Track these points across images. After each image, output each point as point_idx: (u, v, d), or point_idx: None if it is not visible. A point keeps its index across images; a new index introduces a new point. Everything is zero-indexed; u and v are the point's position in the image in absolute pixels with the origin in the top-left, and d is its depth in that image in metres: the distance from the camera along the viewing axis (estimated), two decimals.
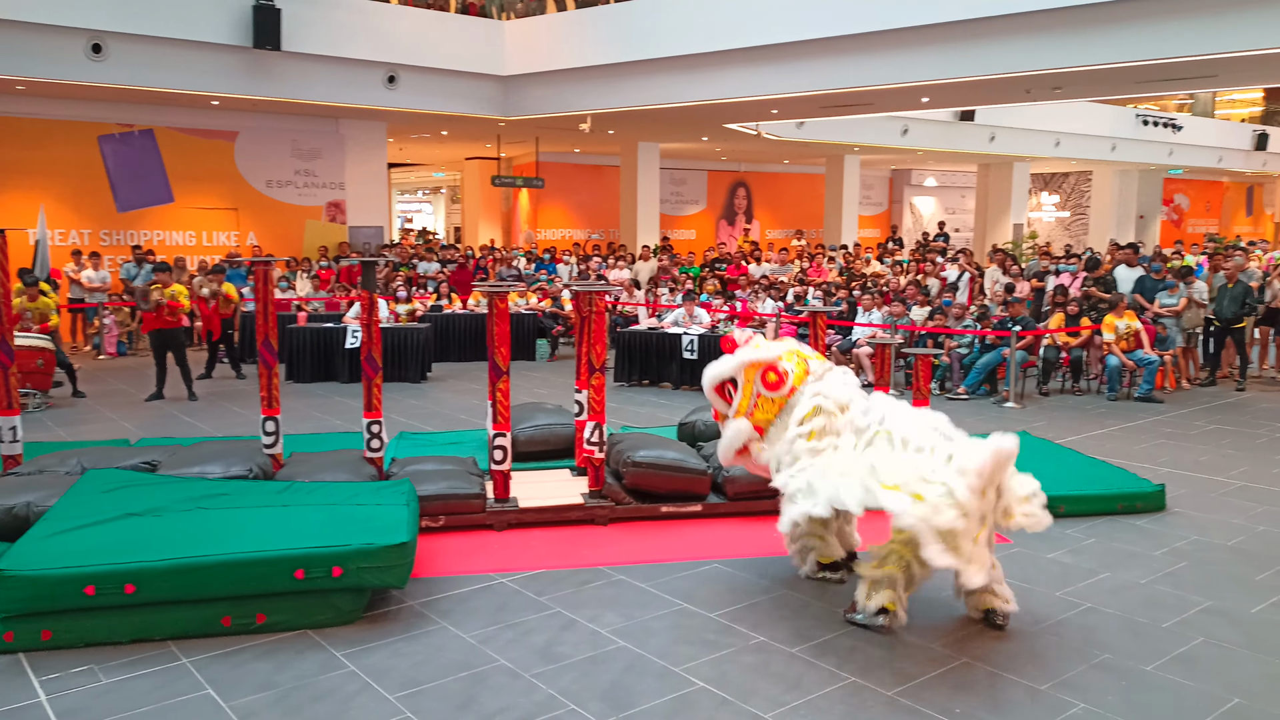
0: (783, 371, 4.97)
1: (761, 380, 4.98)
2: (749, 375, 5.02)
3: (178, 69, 12.96)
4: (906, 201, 28.99)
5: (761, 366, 5.00)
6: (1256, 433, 8.97)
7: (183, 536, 4.62)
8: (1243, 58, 10.50)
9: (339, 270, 15.11)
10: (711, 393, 5.24)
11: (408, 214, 35.19)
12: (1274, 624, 4.71)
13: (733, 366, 5.09)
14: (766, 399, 4.97)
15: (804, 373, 5.00)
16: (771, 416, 4.96)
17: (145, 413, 9.69)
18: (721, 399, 5.20)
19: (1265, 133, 27.07)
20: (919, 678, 4.13)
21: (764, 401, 4.98)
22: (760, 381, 4.99)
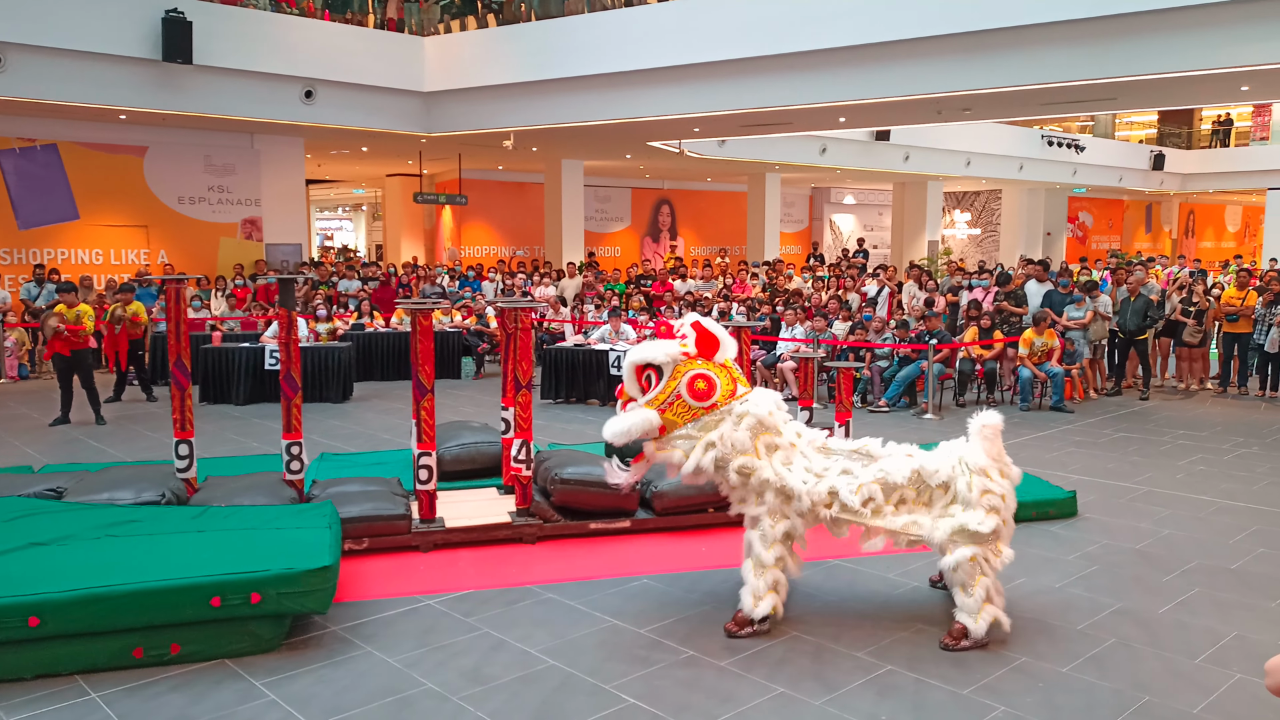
0: (711, 382, 4.71)
1: (688, 385, 4.69)
2: (677, 372, 4.70)
3: (83, 82, 12.53)
4: (826, 219, 29.60)
5: (693, 370, 4.71)
6: (1160, 440, 9.36)
7: (91, 565, 4.43)
8: (1138, 82, 11.04)
9: (255, 289, 14.76)
10: (631, 372, 4.83)
11: (328, 231, 34.56)
12: (1180, 624, 4.90)
13: (665, 355, 4.73)
14: (684, 403, 4.68)
15: (730, 393, 4.75)
16: (680, 423, 4.68)
17: (50, 438, 9.29)
18: (637, 383, 4.81)
19: (1162, 153, 28.42)
20: (846, 686, 4.19)
21: (680, 405, 4.68)
22: (686, 385, 4.69)
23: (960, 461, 4.74)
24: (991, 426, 4.75)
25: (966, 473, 4.69)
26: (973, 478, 4.67)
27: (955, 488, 4.69)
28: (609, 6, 14.35)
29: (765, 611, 4.67)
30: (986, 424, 4.76)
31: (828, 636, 4.69)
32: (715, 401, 4.70)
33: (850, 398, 6.68)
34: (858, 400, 11.00)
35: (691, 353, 4.76)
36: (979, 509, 4.61)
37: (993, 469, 4.70)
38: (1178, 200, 34.29)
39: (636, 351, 4.85)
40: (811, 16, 12.09)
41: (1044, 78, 11.20)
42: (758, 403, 4.77)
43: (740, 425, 4.69)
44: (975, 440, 4.76)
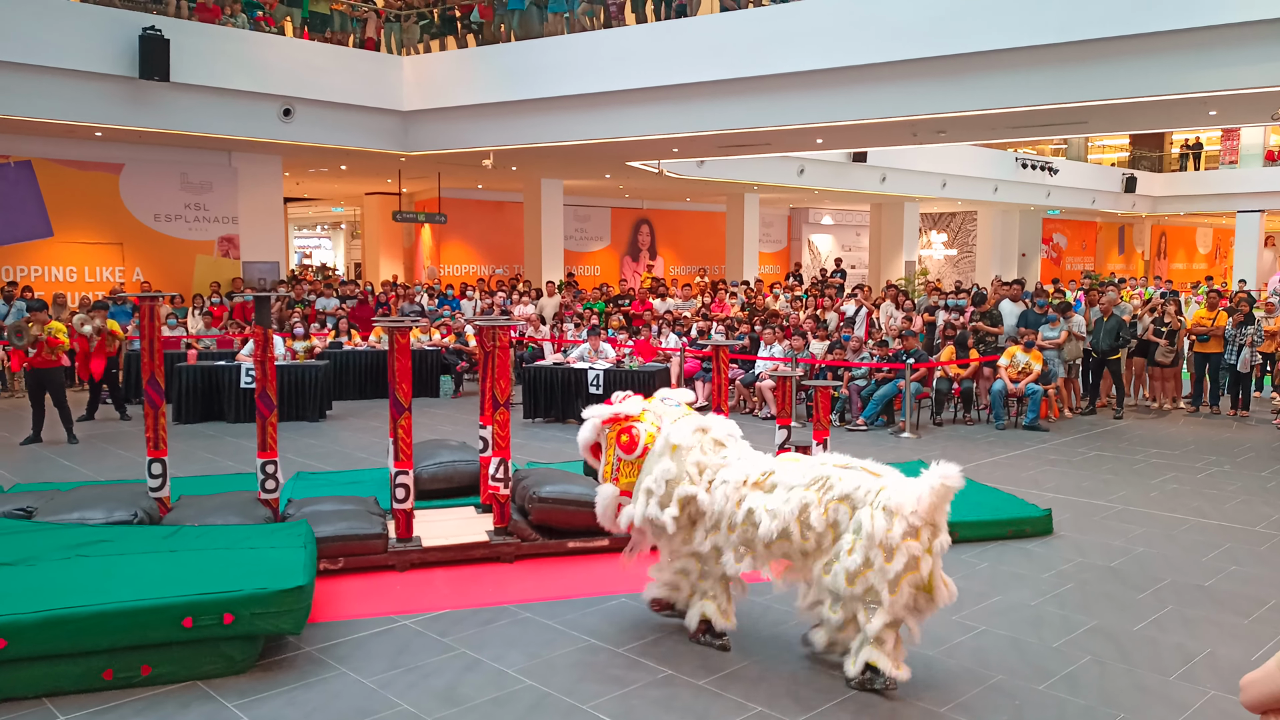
0: (635, 434, 4.85)
1: (618, 443, 4.89)
2: (609, 439, 4.94)
3: (58, 98, 12.44)
4: (805, 239, 29.79)
5: (617, 429, 4.90)
6: (1134, 458, 9.45)
7: (60, 586, 4.36)
8: (1108, 106, 11.22)
9: (232, 307, 14.66)
10: (587, 454, 5.18)
11: (306, 249, 34.42)
12: (1152, 640, 4.94)
13: (592, 429, 5.05)
14: (625, 462, 4.87)
15: (655, 431, 4.86)
16: (633, 479, 4.82)
17: (20, 456, 9.16)
18: (595, 460, 5.13)
19: (1134, 176, 28.85)
20: (822, 705, 4.19)
21: (625, 466, 4.87)
22: (617, 445, 4.89)
23: (880, 491, 4.23)
24: (943, 488, 4.09)
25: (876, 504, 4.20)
26: (877, 513, 4.15)
27: (859, 516, 4.22)
28: (588, 28, 14.44)
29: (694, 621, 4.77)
30: (945, 479, 4.08)
31: (804, 656, 4.69)
32: (645, 446, 4.82)
33: (828, 416, 6.70)
34: (836, 419, 11.05)
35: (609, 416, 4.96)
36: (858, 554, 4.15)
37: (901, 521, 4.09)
38: (1150, 222, 34.79)
39: (579, 437, 5.17)
40: (788, 39, 12.23)
41: (1017, 101, 11.36)
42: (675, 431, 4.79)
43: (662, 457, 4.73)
44: (917, 487, 4.15)
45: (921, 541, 4.12)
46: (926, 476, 4.15)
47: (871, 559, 4.14)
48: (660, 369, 11.62)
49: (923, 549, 4.12)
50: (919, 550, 4.11)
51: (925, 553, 4.12)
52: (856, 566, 4.18)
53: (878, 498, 4.22)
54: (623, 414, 4.96)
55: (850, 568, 4.20)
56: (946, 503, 4.18)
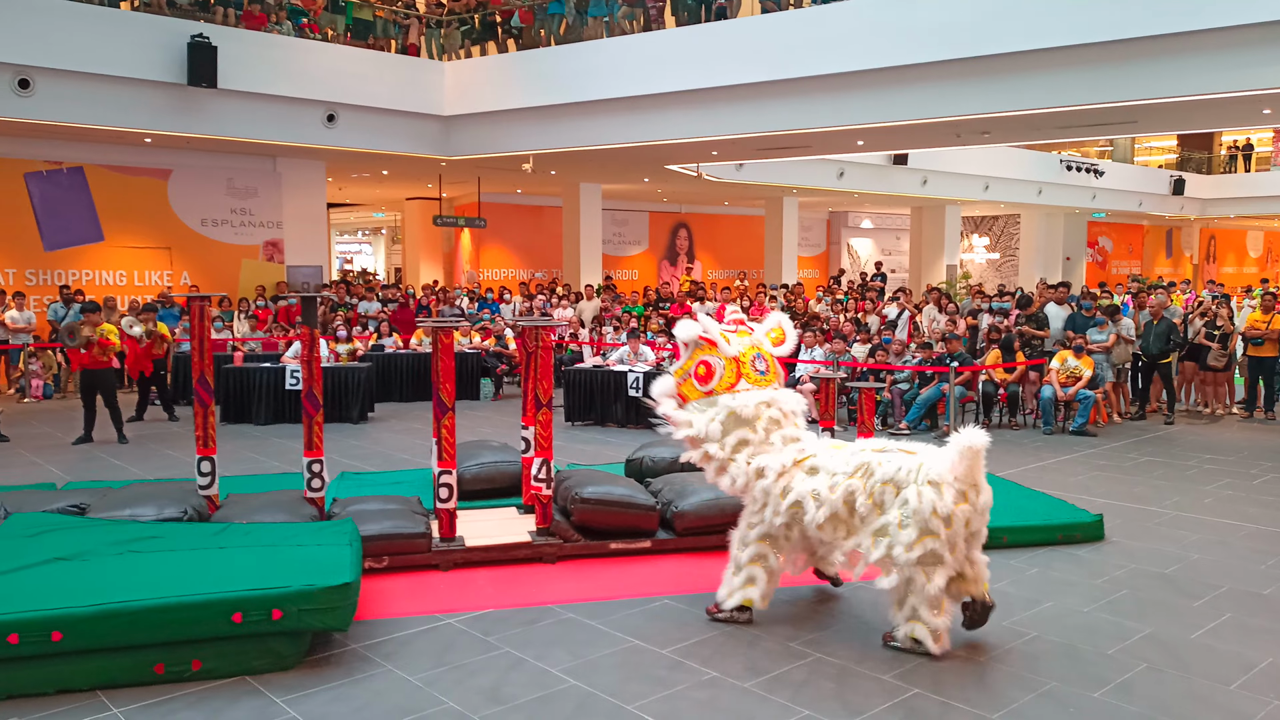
0: (712, 369, 5.10)
1: (694, 368, 5.14)
2: (694, 354, 5.15)
3: (109, 105, 12.70)
4: (844, 243, 29.57)
5: (701, 355, 5.12)
6: (1186, 464, 9.24)
7: (113, 581, 4.43)
8: (1158, 105, 11.00)
9: (276, 310, 14.86)
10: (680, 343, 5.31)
11: (347, 255, 34.84)
12: (1210, 649, 4.81)
13: (688, 336, 5.17)
14: (691, 384, 5.15)
15: (729, 385, 5.10)
16: (691, 398, 5.15)
17: (73, 456, 9.34)
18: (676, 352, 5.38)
19: (1182, 178, 28.28)
20: (870, 710, 4.13)
21: (689, 384, 5.16)
22: (694, 368, 5.14)
23: (920, 468, 4.63)
24: (973, 447, 4.51)
25: (918, 482, 4.58)
26: (924, 488, 4.54)
27: (905, 494, 4.58)
28: (627, 31, 14.46)
29: (737, 603, 5.00)
30: (969, 443, 4.51)
31: (851, 659, 4.63)
32: (712, 389, 5.10)
33: (872, 418, 6.64)
34: (878, 423, 10.93)
35: (707, 339, 5.16)
36: (911, 528, 4.52)
37: (949, 487, 4.54)
38: (1198, 225, 34.09)
39: (684, 327, 5.27)
40: (829, 41, 12.14)
41: (1064, 101, 11.18)
42: (743, 400, 5.06)
43: (715, 418, 5.04)
44: (949, 454, 4.59)
45: (970, 504, 4.59)
46: (954, 442, 4.58)
47: (933, 528, 4.51)
48: None
49: (972, 510, 4.60)
50: (970, 512, 4.59)
51: (975, 512, 4.62)
52: (912, 538, 4.52)
53: (919, 474, 4.60)
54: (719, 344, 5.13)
55: (907, 540, 4.53)
56: (979, 462, 4.59)
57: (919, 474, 4.59)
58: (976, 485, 4.60)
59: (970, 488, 4.57)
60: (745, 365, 5.19)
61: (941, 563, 4.54)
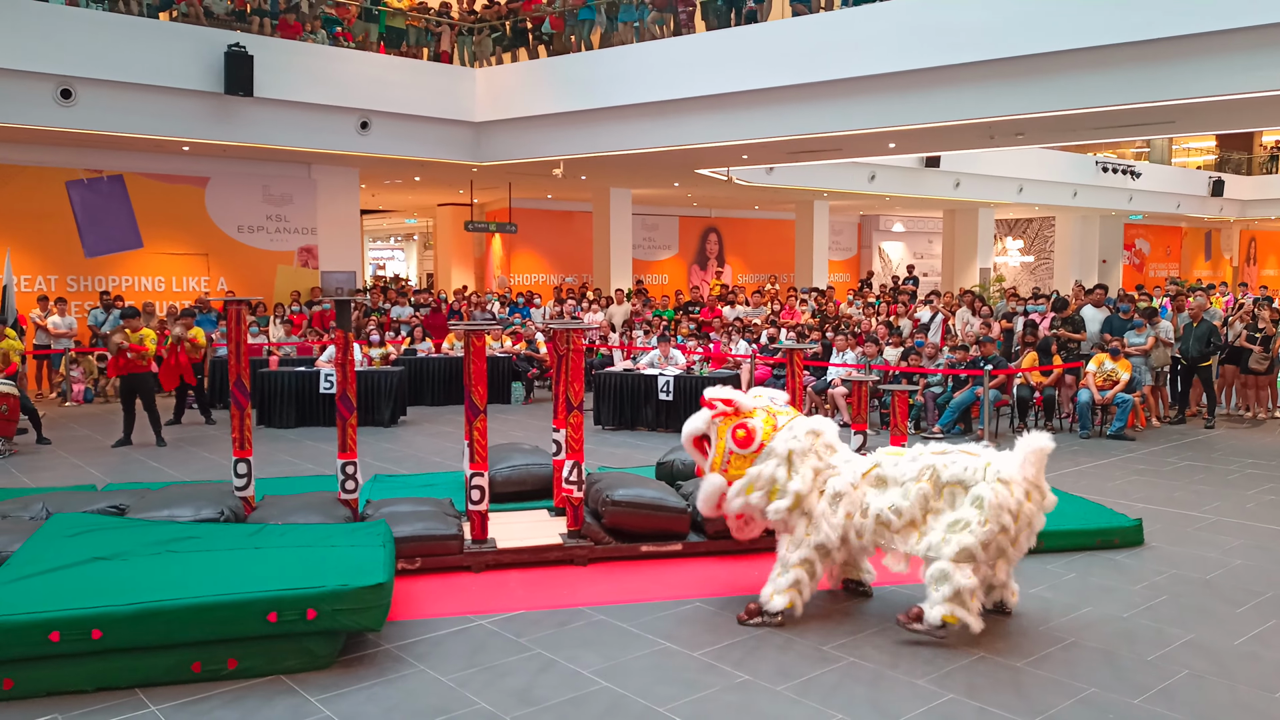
0: (751, 430, 5.09)
1: (732, 437, 5.11)
2: (720, 431, 5.15)
3: (148, 115, 12.92)
4: (876, 246, 29.38)
5: (732, 425, 5.12)
6: (1228, 469, 9.07)
7: (151, 580, 4.49)
8: (1197, 104, 10.82)
9: (311, 315, 15.02)
10: (690, 447, 5.36)
11: (380, 261, 35.15)
12: (1254, 656, 4.71)
13: (705, 422, 5.22)
14: (738, 455, 5.10)
15: (771, 429, 5.12)
16: (741, 473, 5.09)
17: (112, 459, 9.50)
18: (699, 452, 5.32)
19: (1221, 179, 27.80)
20: (905, 715, 4.08)
21: (735, 458, 5.10)
22: (731, 438, 5.11)
23: (987, 467, 4.80)
24: (1040, 449, 4.78)
25: (989, 479, 4.75)
26: (996, 485, 4.72)
27: (975, 492, 4.74)
28: (657, 36, 14.48)
29: (781, 606, 4.97)
30: (1036, 445, 4.78)
31: (885, 663, 4.59)
32: (760, 443, 5.09)
33: (905, 421, 6.58)
34: (911, 426, 10.83)
35: (727, 411, 5.17)
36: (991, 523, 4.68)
37: (1019, 486, 4.75)
38: (1238, 227, 33.49)
39: (685, 429, 5.36)
40: (860, 43, 12.07)
41: (1100, 101, 11.02)
42: (790, 435, 5.10)
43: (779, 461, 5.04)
44: (1017, 455, 4.81)
45: (1034, 502, 4.82)
46: (1021, 446, 4.81)
47: (1005, 524, 4.69)
48: (731, 375, 11.54)
49: (1036, 509, 4.84)
50: (1034, 511, 4.83)
51: (1038, 511, 4.85)
52: (988, 535, 4.68)
53: (987, 472, 4.77)
54: (737, 407, 5.16)
55: (983, 538, 4.68)
56: (1043, 463, 4.84)
57: (987, 472, 4.77)
58: (1041, 488, 4.86)
59: (1035, 488, 4.82)
60: (772, 408, 5.25)
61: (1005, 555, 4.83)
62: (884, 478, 5.00)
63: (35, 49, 11.87)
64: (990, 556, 4.78)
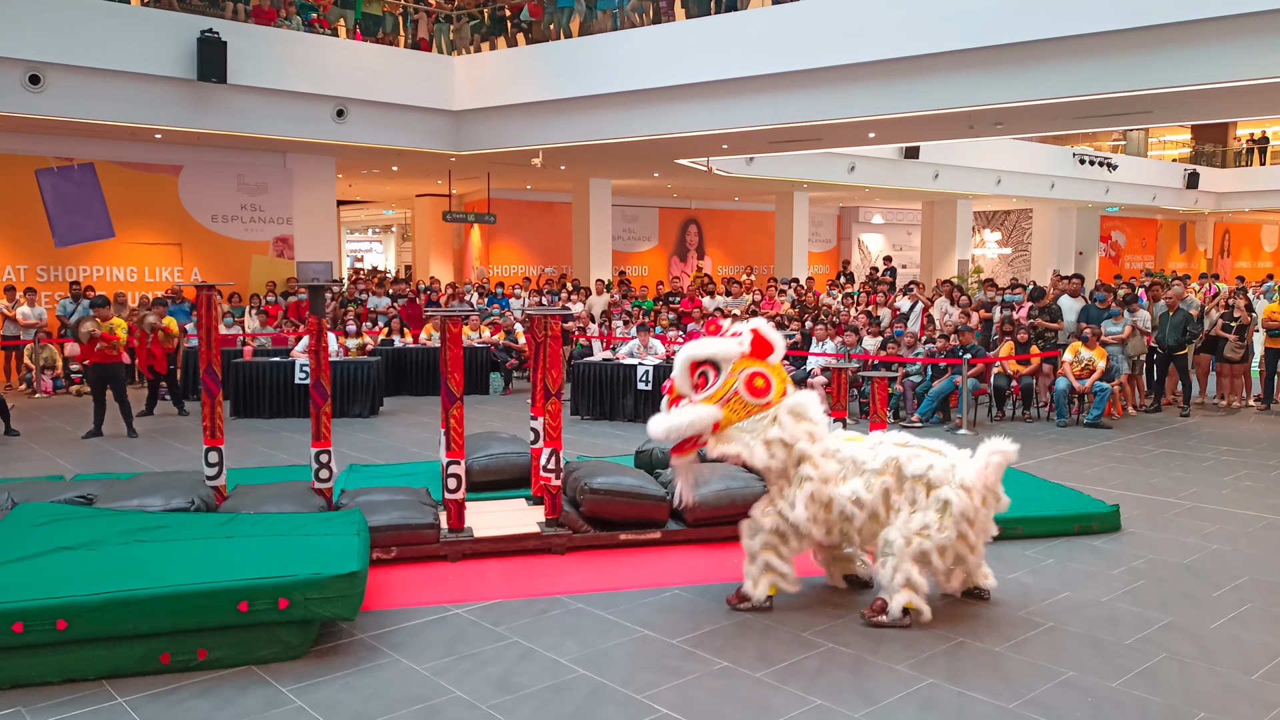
0: (770, 381, 4.86)
1: (747, 381, 4.82)
2: (735, 369, 4.83)
3: (119, 101, 12.69)
4: (855, 238, 29.43)
5: (752, 368, 4.86)
6: (1204, 456, 9.12)
7: (119, 570, 4.39)
8: (1175, 94, 10.86)
9: (287, 306, 14.85)
10: (685, 368, 4.90)
11: (358, 253, 34.89)
12: (1232, 639, 4.72)
13: (725, 354, 4.86)
14: (742, 400, 4.81)
15: (783, 391, 4.93)
16: (737, 419, 4.83)
17: (83, 450, 9.34)
18: (691, 380, 4.89)
19: (1196, 172, 28.02)
20: (887, 699, 4.06)
21: (737, 402, 4.81)
22: (745, 382, 4.82)
23: (952, 469, 4.79)
24: (1002, 458, 4.80)
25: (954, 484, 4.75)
26: (959, 491, 4.72)
27: (941, 495, 4.72)
28: (637, 24, 14.38)
29: (764, 594, 4.95)
30: (999, 453, 4.80)
31: (866, 649, 4.56)
32: (770, 400, 4.88)
33: (885, 409, 6.55)
34: (890, 415, 10.83)
35: (747, 352, 4.94)
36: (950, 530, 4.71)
37: (978, 493, 4.77)
38: (1213, 219, 33.79)
39: (694, 347, 5.01)
40: (841, 31, 12.03)
41: (1078, 90, 11.03)
42: (806, 399, 5.00)
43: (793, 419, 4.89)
44: (979, 461, 4.81)
45: (988, 507, 4.86)
46: (982, 452, 4.80)
47: (963, 531, 4.73)
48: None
49: (988, 516, 4.89)
50: (988, 516, 4.87)
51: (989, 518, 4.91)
52: (946, 541, 4.71)
53: (954, 475, 4.76)
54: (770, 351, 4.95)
55: (942, 543, 4.70)
56: (1002, 471, 4.85)
57: (954, 475, 4.76)
58: (997, 494, 4.90)
59: (992, 495, 4.86)
60: (784, 370, 5.11)
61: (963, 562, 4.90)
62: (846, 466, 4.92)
63: (2, 33, 11.61)
64: (947, 563, 4.78)
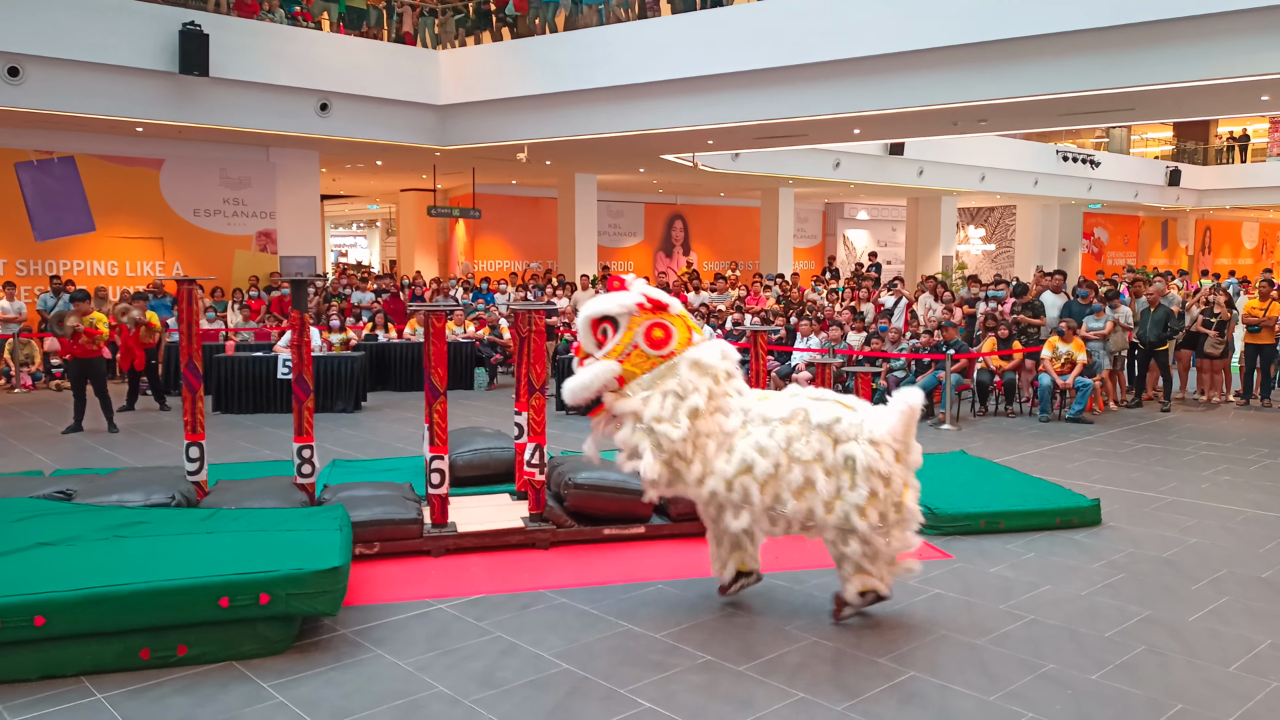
0: (669, 331, 4.73)
1: (646, 334, 4.71)
2: (633, 323, 4.73)
3: (100, 94, 12.58)
4: (840, 234, 29.49)
5: (649, 320, 4.73)
6: (1183, 450, 9.20)
7: (98, 565, 4.36)
8: (1156, 91, 10.93)
9: (270, 300, 14.77)
10: (586, 326, 4.85)
11: (342, 248, 34.71)
12: (1211, 631, 4.76)
13: (620, 307, 4.76)
14: (642, 353, 4.70)
15: (686, 341, 4.76)
16: (639, 373, 4.69)
17: (62, 445, 9.26)
18: (594, 336, 4.83)
19: (1178, 169, 28.23)
20: (868, 692, 4.07)
21: (638, 355, 4.70)
22: (644, 335, 4.71)
23: (861, 424, 4.57)
24: (910, 408, 4.59)
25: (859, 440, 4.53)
26: (866, 447, 4.52)
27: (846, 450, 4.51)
28: (622, 19, 14.36)
29: (729, 578, 4.96)
30: (909, 402, 4.59)
31: (847, 643, 4.58)
32: (672, 350, 4.74)
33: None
34: None
35: (645, 305, 4.79)
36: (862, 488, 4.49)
37: (888, 447, 4.55)
38: (1194, 216, 34.03)
39: (590, 305, 4.90)
40: (826, 27, 12.05)
41: (1061, 87, 11.10)
42: (708, 349, 4.81)
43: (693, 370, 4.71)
44: (890, 414, 4.60)
45: (903, 463, 4.62)
46: (893, 403, 4.61)
47: (875, 489, 4.50)
48: None
49: (905, 469, 4.64)
50: (904, 472, 4.62)
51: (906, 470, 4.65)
52: (864, 500, 4.49)
53: (861, 431, 4.56)
54: (665, 305, 4.79)
55: (859, 502, 4.49)
56: (914, 424, 4.65)
57: (861, 430, 4.55)
58: (908, 445, 4.65)
59: (904, 449, 4.63)
60: (691, 320, 4.91)
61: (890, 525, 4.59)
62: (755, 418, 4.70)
63: None
64: (871, 522, 4.49)
